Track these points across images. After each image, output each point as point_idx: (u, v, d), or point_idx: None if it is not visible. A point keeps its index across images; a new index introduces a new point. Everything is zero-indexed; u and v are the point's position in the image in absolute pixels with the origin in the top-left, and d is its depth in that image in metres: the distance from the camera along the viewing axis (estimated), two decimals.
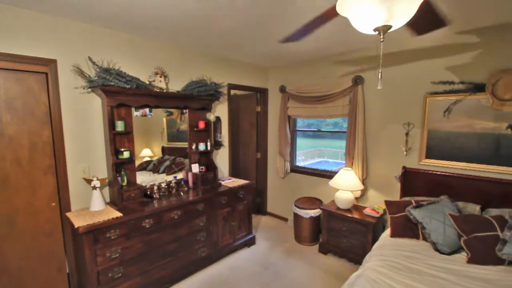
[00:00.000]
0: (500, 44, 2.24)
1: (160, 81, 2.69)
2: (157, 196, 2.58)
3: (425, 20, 1.34)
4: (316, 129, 4.01)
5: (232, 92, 3.96)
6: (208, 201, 2.76)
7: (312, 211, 3.28)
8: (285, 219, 4.12)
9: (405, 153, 2.82)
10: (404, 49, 2.75)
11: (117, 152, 2.39)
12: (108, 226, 2.03)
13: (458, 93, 2.43)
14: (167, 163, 2.97)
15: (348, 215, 2.90)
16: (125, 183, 2.47)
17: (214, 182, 3.06)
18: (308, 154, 11.01)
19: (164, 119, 2.92)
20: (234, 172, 4.36)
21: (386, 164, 2.99)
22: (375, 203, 3.10)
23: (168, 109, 2.91)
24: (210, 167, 3.13)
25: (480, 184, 2.37)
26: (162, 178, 2.86)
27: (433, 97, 2.58)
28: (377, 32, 1.09)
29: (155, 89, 2.64)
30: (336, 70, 3.30)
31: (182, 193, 2.74)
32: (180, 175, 3.01)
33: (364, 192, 3.19)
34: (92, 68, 2.27)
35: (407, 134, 2.79)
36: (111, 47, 2.42)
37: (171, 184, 2.76)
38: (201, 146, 3.03)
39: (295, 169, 3.96)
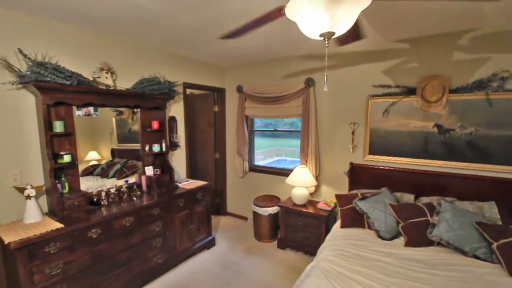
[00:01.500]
0: (427, 53, 2.58)
1: (106, 77, 2.49)
2: (106, 203, 2.39)
3: (347, 33, 1.49)
4: (272, 129, 4.13)
5: (188, 91, 3.85)
6: (164, 205, 2.64)
7: (270, 208, 3.37)
8: (245, 218, 4.16)
9: (351, 150, 3.08)
10: (349, 54, 2.99)
11: (56, 156, 2.14)
12: (46, 240, 1.81)
13: (394, 95, 2.74)
14: (118, 166, 2.77)
15: (304, 210, 3.05)
16: (66, 190, 2.23)
17: (170, 185, 2.95)
18: (266, 153, 11.26)
19: (113, 119, 2.72)
20: (192, 173, 4.25)
21: (336, 161, 3.22)
22: (327, 198, 3.31)
23: (118, 108, 2.71)
24: (165, 169, 3.00)
25: (414, 176, 2.71)
26: (112, 183, 2.65)
27: (374, 99, 2.87)
28: (322, 38, 1.17)
29: (101, 86, 2.43)
30: (290, 72, 3.44)
31: (135, 198, 2.58)
32: (132, 179, 2.83)
33: (317, 187, 3.39)
34: (23, 61, 2.00)
35: (353, 133, 3.05)
36: (47, 38, 2.16)
37: (122, 189, 2.57)
38: (155, 148, 2.88)
39: (254, 168, 4.02)
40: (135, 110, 2.84)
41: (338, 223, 2.62)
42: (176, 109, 3.37)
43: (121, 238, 2.28)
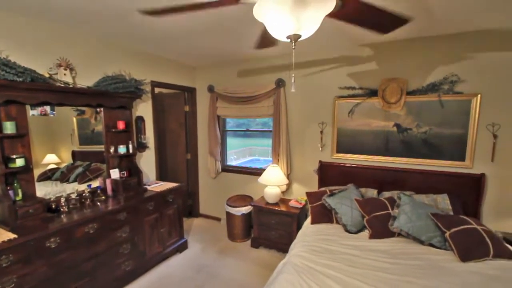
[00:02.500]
0: (387, 58, 2.77)
1: (64, 74, 2.31)
2: (66, 210, 2.22)
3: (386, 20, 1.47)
4: (245, 129, 4.14)
5: (157, 90, 3.72)
6: (132, 209, 2.53)
7: (244, 208, 3.38)
8: (219, 219, 4.13)
9: (320, 149, 3.20)
10: (318, 56, 3.10)
11: (7, 160, 1.95)
12: None
13: (358, 97, 2.90)
14: (80, 170, 2.59)
15: (276, 208, 3.11)
16: (19, 197, 2.04)
17: (138, 188, 2.83)
18: (240, 153, 11.26)
19: (74, 119, 2.54)
20: (162, 175, 4.11)
21: (307, 159, 3.33)
22: (298, 195, 3.40)
23: (79, 108, 2.53)
24: (133, 171, 2.87)
25: (377, 172, 2.89)
26: (73, 188, 2.47)
27: (340, 100, 3.01)
28: (289, 40, 1.21)
29: (58, 84, 2.26)
30: (260, 72, 3.48)
31: (99, 203, 2.43)
32: (96, 183, 2.66)
33: (289, 186, 3.47)
34: None
35: (321, 132, 3.17)
36: None
37: (84, 194, 2.41)
38: (122, 149, 2.74)
39: (227, 169, 4.00)
40: (98, 109, 2.68)
41: (309, 219, 2.71)
42: (144, 109, 3.24)
43: (84, 247, 2.14)
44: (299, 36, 1.19)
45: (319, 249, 2.10)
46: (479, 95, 2.42)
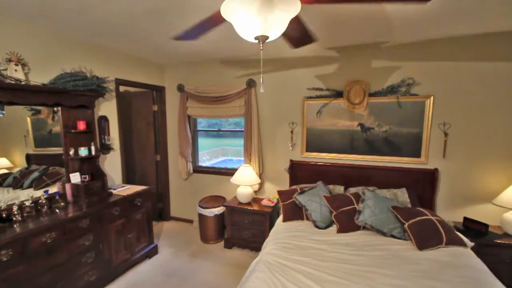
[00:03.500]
0: (352, 61, 2.92)
1: (15, 70, 2.11)
2: (19, 218, 2.03)
3: (299, 36, 1.61)
4: (217, 129, 4.10)
5: (123, 88, 3.55)
6: (95, 215, 2.38)
7: (216, 209, 3.35)
8: (191, 221, 4.04)
9: (291, 148, 3.28)
10: (287, 57, 3.18)
11: None
12: None
13: (325, 98, 3.03)
14: (35, 174, 2.38)
15: (249, 208, 3.13)
16: None
17: (102, 192, 2.67)
18: (212, 154, 11.11)
19: (29, 119, 2.32)
20: (130, 178, 3.94)
21: (278, 158, 3.39)
22: (270, 194, 3.46)
23: (33, 107, 2.32)
24: (96, 175, 2.70)
25: (343, 170, 3.03)
26: (27, 195, 2.26)
27: (308, 100, 3.12)
28: (257, 41, 1.23)
29: (8, 81, 2.05)
30: (232, 72, 3.48)
31: (57, 210, 2.26)
32: (54, 188, 2.46)
33: (261, 185, 3.51)
34: None
35: (292, 132, 3.26)
36: None
37: (40, 201, 2.22)
38: (83, 151, 2.57)
39: (198, 170, 3.93)
40: (56, 108, 2.48)
41: (281, 217, 2.76)
42: (108, 108, 3.06)
43: (41, 258, 1.97)
44: (267, 37, 1.22)
45: (291, 245, 2.16)
46: (432, 97, 2.65)
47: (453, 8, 1.91)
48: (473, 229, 2.45)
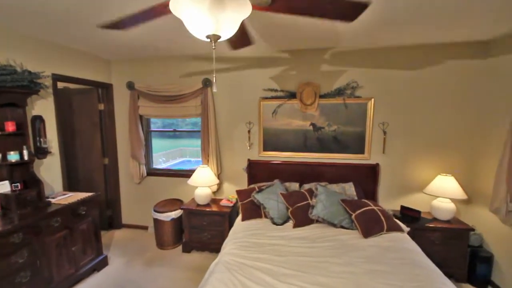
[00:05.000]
0: (303, 64, 3.07)
1: None
2: None
3: (239, 38, 1.64)
4: (172, 129, 3.94)
5: (62, 85, 3.19)
6: (30, 228, 2.10)
7: (173, 212, 3.23)
8: (145, 228, 3.82)
9: (248, 147, 3.33)
10: (243, 57, 3.21)
11: None
12: None
13: (280, 98, 3.14)
14: None
15: (207, 209, 3.08)
16: None
17: (39, 202, 2.37)
18: (169, 155, 10.66)
19: None
20: (73, 184, 3.57)
21: (236, 158, 3.41)
22: (229, 194, 3.46)
23: None
24: (30, 182, 2.38)
25: (298, 167, 3.19)
26: None
27: (264, 101, 3.20)
28: (209, 40, 1.22)
29: None
30: (187, 71, 3.38)
31: None
32: None
33: (220, 185, 3.49)
34: None
35: (249, 131, 3.31)
36: None
37: None
38: (13, 156, 2.24)
39: (153, 172, 3.74)
40: None
41: (240, 217, 2.78)
42: (44, 107, 2.72)
43: None
44: (219, 37, 1.21)
45: (249, 244, 2.19)
46: (372, 99, 2.95)
47: (382, 21, 2.15)
48: (409, 215, 2.78)
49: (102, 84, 3.48)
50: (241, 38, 1.62)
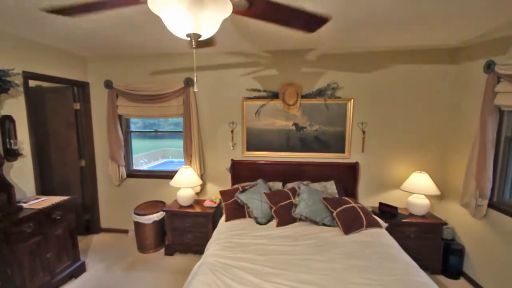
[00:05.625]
0: (286, 64, 3.11)
1: None
2: None
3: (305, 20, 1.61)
4: (153, 130, 3.84)
5: (34, 83, 3.03)
6: (0, 234, 1.98)
7: (155, 215, 3.16)
8: (126, 231, 3.71)
9: (232, 148, 3.32)
10: (226, 58, 3.19)
11: None
12: None
13: (263, 99, 3.16)
14: None
15: (190, 210, 3.04)
16: None
17: (8, 207, 2.23)
18: (151, 156, 10.40)
19: None
20: (47, 188, 3.40)
21: (219, 158, 3.39)
22: (213, 195, 3.43)
23: None
24: None
25: (281, 167, 3.22)
26: None
27: (247, 101, 3.21)
28: (189, 38, 1.20)
29: None
30: (168, 70, 3.31)
31: None
32: None
33: (203, 186, 3.46)
34: None
35: (232, 131, 3.30)
36: None
37: None
38: None
39: (133, 174, 3.63)
40: None
41: (224, 217, 2.77)
42: (14, 106, 2.57)
43: None
44: (199, 36, 1.20)
45: (233, 244, 2.19)
46: (352, 100, 3.04)
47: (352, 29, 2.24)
48: (387, 212, 2.89)
49: (77, 82, 3.34)
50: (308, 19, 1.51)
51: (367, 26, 2.26)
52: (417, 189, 2.78)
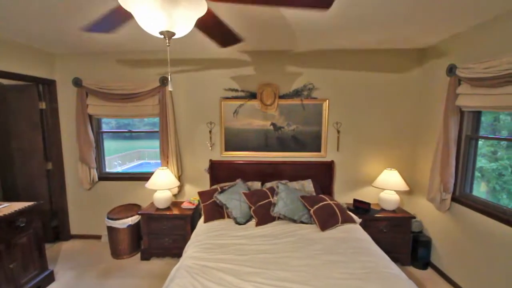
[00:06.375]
0: (263, 65, 3.13)
1: None
2: None
3: (225, 36, 1.63)
4: (127, 130, 3.70)
5: None
6: None
7: (130, 219, 3.04)
8: (98, 237, 3.53)
9: (210, 148, 3.29)
10: (202, 58, 3.15)
11: None
12: None
13: (241, 99, 3.16)
14: None
15: (168, 213, 2.96)
16: None
17: None
18: (126, 157, 9.98)
19: None
20: (9, 193, 3.17)
21: (197, 159, 3.34)
22: (191, 196, 3.37)
23: None
24: None
25: (260, 166, 3.24)
26: None
27: (225, 101, 3.19)
28: (163, 36, 1.17)
29: None
30: (142, 68, 3.20)
31: None
32: None
33: (181, 188, 3.38)
34: None
35: (210, 131, 3.27)
36: None
37: None
38: None
39: (105, 176, 3.47)
40: None
41: (202, 218, 2.73)
42: None
43: None
44: (173, 34, 1.17)
45: (212, 245, 2.17)
46: (327, 100, 3.13)
47: (339, 25, 2.30)
48: (360, 208, 3.01)
49: (43, 80, 3.12)
50: (228, 36, 1.58)
51: (328, 28, 2.34)
52: (387, 186, 2.93)
